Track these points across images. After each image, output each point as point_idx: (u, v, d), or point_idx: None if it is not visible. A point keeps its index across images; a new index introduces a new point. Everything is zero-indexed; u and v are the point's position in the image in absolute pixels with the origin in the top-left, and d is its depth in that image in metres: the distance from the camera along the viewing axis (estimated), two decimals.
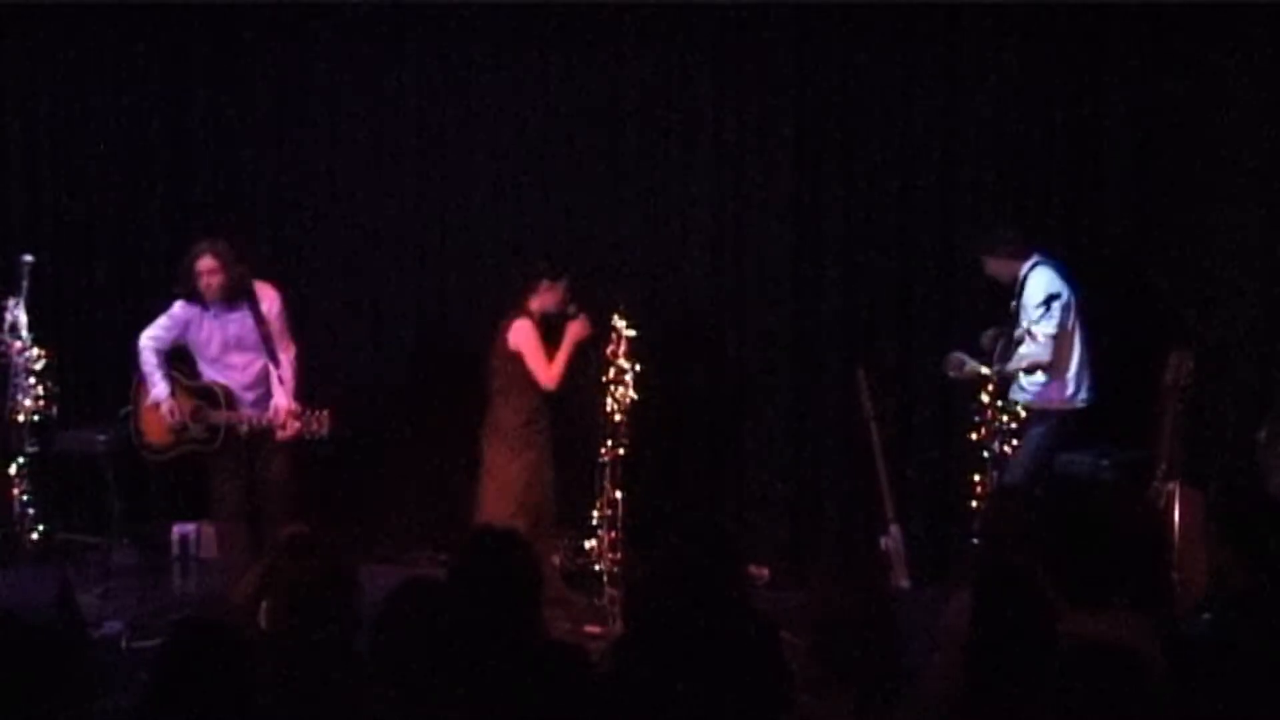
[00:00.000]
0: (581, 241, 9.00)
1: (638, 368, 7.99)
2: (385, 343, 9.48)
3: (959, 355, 7.96)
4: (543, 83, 9.17)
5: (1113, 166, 8.30)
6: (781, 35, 8.76)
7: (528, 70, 9.17)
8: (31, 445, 8.25)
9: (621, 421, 7.94)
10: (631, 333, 7.96)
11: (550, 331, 8.05)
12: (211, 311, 7.90)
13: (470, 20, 9.15)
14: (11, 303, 8.15)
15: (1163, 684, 3.97)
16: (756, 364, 8.95)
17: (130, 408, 8.18)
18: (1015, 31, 8.37)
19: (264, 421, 7.81)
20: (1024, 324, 7.77)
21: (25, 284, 8.17)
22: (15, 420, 8.18)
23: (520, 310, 8.05)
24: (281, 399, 7.81)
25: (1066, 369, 7.81)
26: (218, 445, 7.88)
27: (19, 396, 8.15)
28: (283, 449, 7.96)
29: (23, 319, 8.13)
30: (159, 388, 7.93)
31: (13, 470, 8.27)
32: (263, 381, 7.96)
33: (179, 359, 8.07)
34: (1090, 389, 7.86)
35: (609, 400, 7.93)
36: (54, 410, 8.27)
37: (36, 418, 8.22)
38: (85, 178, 9.73)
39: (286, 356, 7.95)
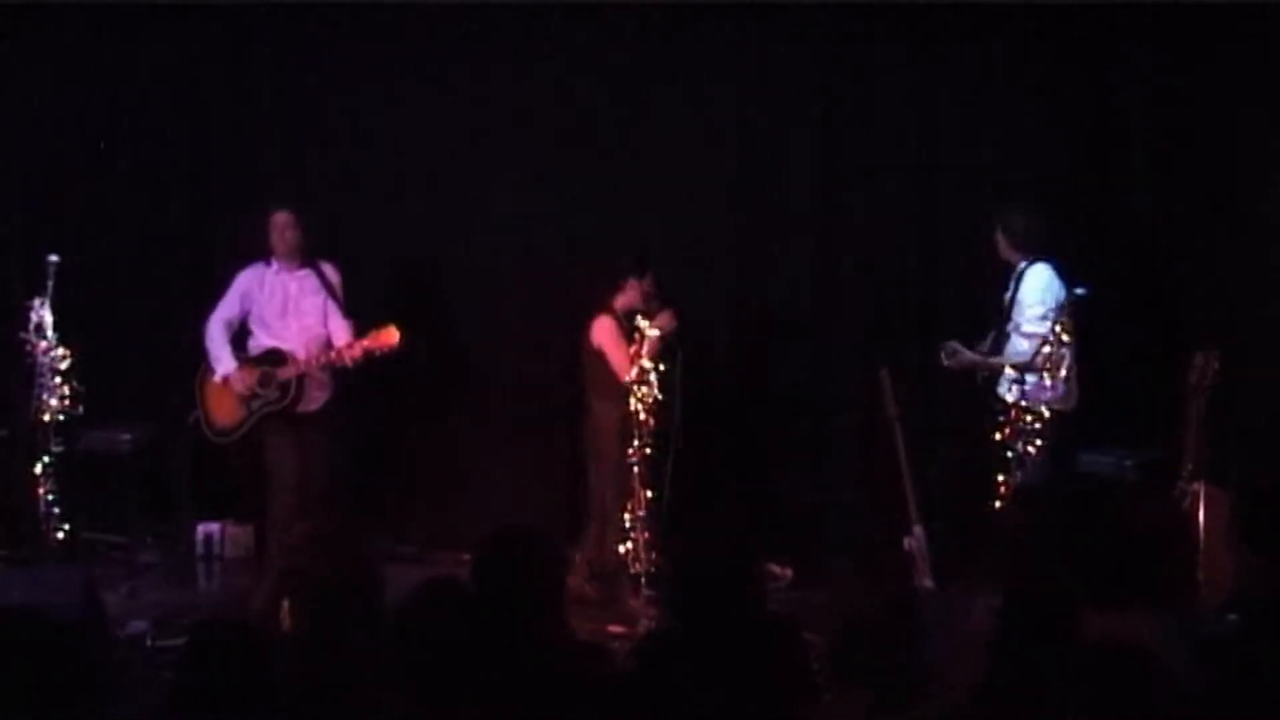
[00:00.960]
0: (602, 241, 9.00)
1: (661, 367, 8.00)
2: (409, 340, 9.47)
3: (953, 344, 7.92)
4: (565, 82, 9.18)
5: (1137, 165, 8.29)
6: (803, 35, 8.76)
7: (549, 69, 9.18)
8: (57, 444, 8.27)
9: (647, 421, 7.95)
10: (655, 333, 7.97)
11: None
12: (275, 268, 8.21)
13: (492, 18, 9.15)
14: (37, 302, 8.16)
15: (1187, 685, 3.96)
16: (779, 364, 8.94)
17: (196, 411, 8.29)
18: (1038, 31, 8.36)
19: (335, 357, 8.00)
20: (1015, 319, 7.75)
21: (51, 284, 8.18)
22: (41, 420, 8.19)
23: (604, 308, 8.23)
24: (346, 335, 8.06)
25: (1058, 371, 7.73)
26: (288, 401, 8.05)
27: (44, 396, 8.16)
28: (327, 440, 8.20)
29: (48, 319, 8.14)
30: (225, 364, 8.17)
31: (38, 469, 8.28)
32: (319, 349, 8.12)
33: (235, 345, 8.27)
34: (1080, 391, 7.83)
35: (634, 401, 7.94)
36: (79, 409, 8.29)
37: (62, 417, 8.23)
38: (110, 178, 9.75)
39: (344, 323, 8.16)
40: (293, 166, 9.61)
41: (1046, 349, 7.47)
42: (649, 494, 8.03)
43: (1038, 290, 7.70)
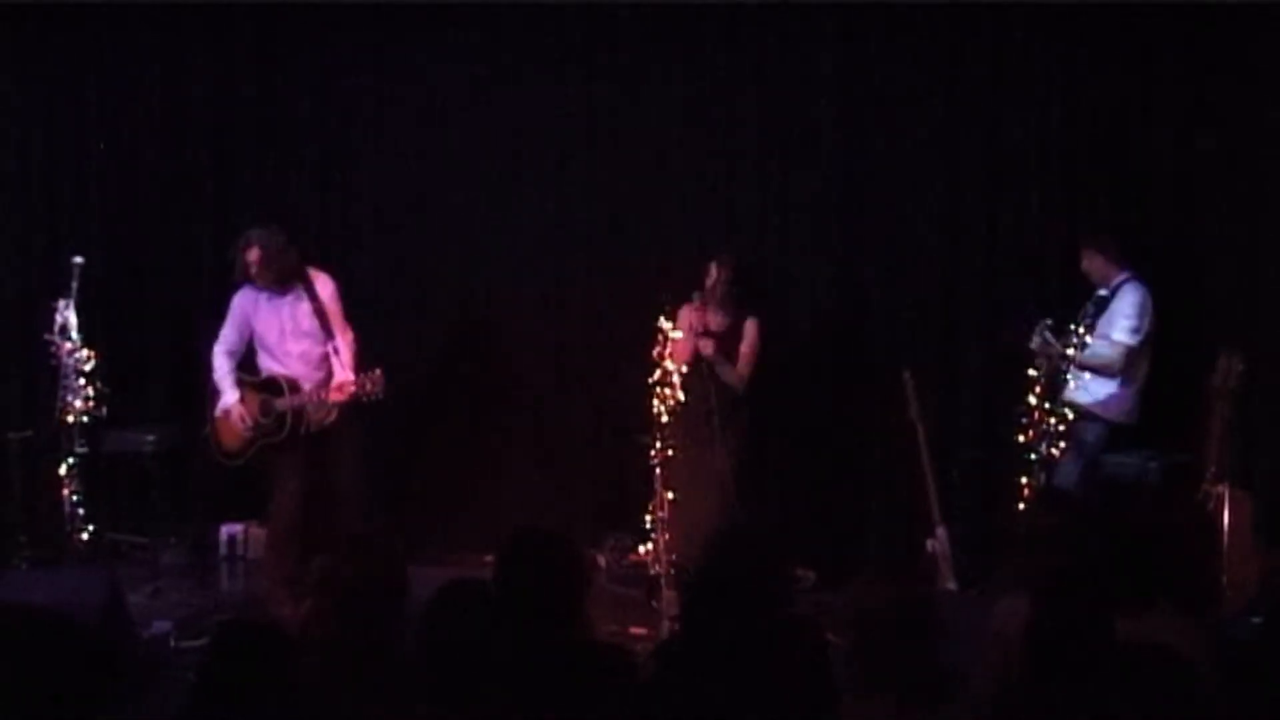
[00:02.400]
0: (624, 243, 9.00)
1: (684, 369, 8.00)
2: (431, 343, 9.50)
3: (1048, 328, 7.88)
4: (586, 81, 9.19)
5: (1161, 166, 8.27)
6: (824, 35, 8.76)
7: (571, 68, 9.20)
8: (81, 446, 8.29)
9: (669, 423, 7.93)
10: (677, 334, 7.96)
11: None
12: (266, 294, 8.08)
13: (513, 18, 9.17)
14: (61, 304, 8.19)
15: (1212, 688, 3.95)
16: (801, 367, 8.93)
17: (208, 428, 8.30)
18: (1061, 31, 8.35)
19: (325, 396, 7.93)
20: (1104, 328, 7.78)
21: (75, 285, 8.21)
22: (65, 421, 8.22)
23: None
24: (340, 373, 7.94)
25: (1133, 385, 7.84)
26: (285, 433, 7.99)
27: (69, 397, 8.19)
28: (351, 448, 8.13)
29: (73, 320, 8.17)
30: (227, 396, 8.10)
31: (62, 471, 8.31)
32: (322, 368, 8.07)
33: (242, 366, 8.22)
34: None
35: (655, 402, 7.93)
36: (103, 411, 8.32)
37: (86, 419, 8.26)
38: (134, 179, 9.78)
39: (344, 339, 8.07)
40: (317, 168, 9.63)
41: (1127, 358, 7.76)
42: (670, 495, 8.01)
43: (1136, 304, 7.85)
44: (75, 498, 8.36)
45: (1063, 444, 7.76)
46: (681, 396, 7.92)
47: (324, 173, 9.63)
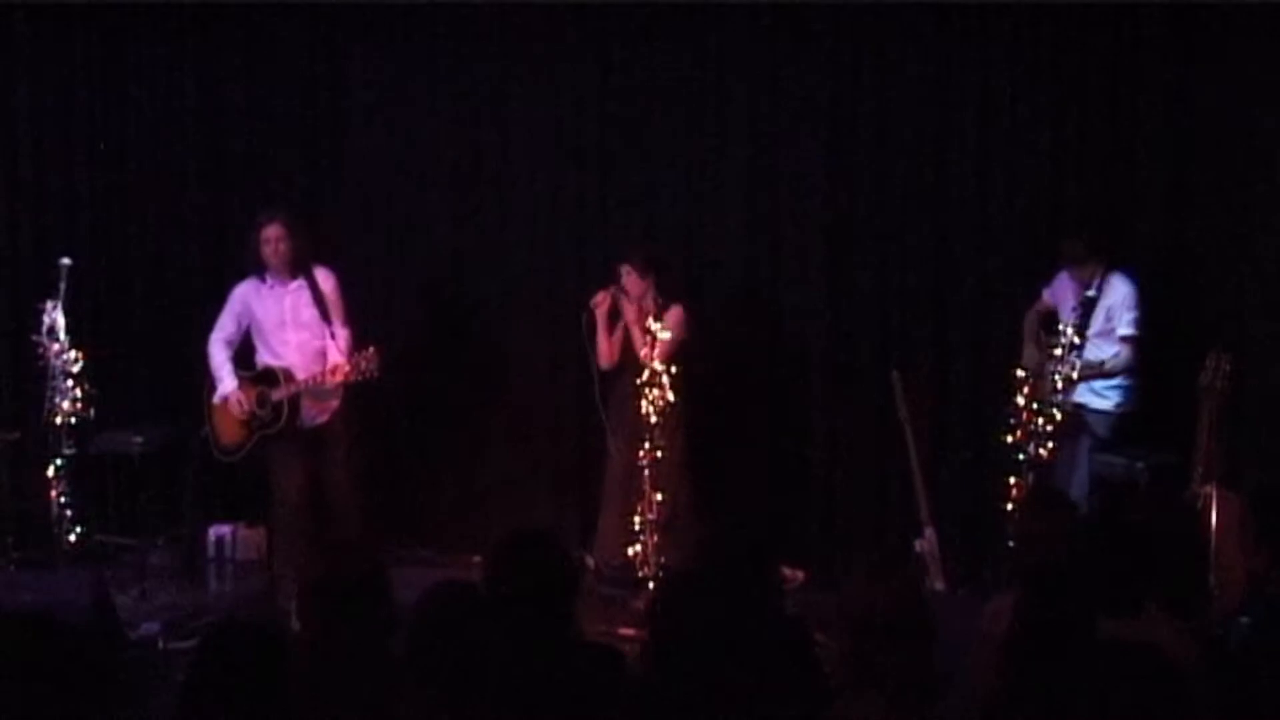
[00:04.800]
0: (614, 247, 9.00)
1: (673, 369, 7.99)
2: (419, 344, 9.49)
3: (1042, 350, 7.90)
4: (577, 80, 9.19)
5: (1149, 167, 8.27)
6: (815, 36, 8.76)
7: (563, 66, 9.19)
8: (69, 447, 8.29)
9: (658, 424, 7.94)
10: (666, 335, 7.96)
11: None
12: (269, 283, 8.13)
13: (506, 17, 9.17)
14: (49, 305, 8.18)
15: (1200, 688, 3.95)
16: (790, 367, 8.94)
17: (206, 425, 8.30)
18: (1051, 31, 8.35)
19: (320, 380, 7.96)
20: (1103, 325, 7.83)
21: (63, 286, 8.20)
22: (53, 422, 8.21)
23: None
24: (337, 356, 8.00)
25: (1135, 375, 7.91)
26: (282, 423, 8.02)
27: (56, 399, 8.18)
28: (344, 449, 8.20)
29: (60, 321, 8.16)
30: (225, 384, 8.15)
31: (50, 472, 8.30)
32: (318, 361, 8.11)
33: (237, 364, 8.25)
34: None
35: (644, 403, 7.93)
36: (91, 412, 8.31)
37: (74, 420, 8.25)
38: (122, 181, 9.77)
39: (343, 331, 8.12)
40: (308, 171, 9.62)
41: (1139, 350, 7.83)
42: (658, 497, 8.01)
43: (1132, 295, 7.87)
44: (63, 499, 8.36)
45: (1050, 444, 7.77)
46: (671, 397, 7.92)
47: (313, 174, 9.62)
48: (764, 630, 4.38)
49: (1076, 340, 7.73)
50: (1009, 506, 7.69)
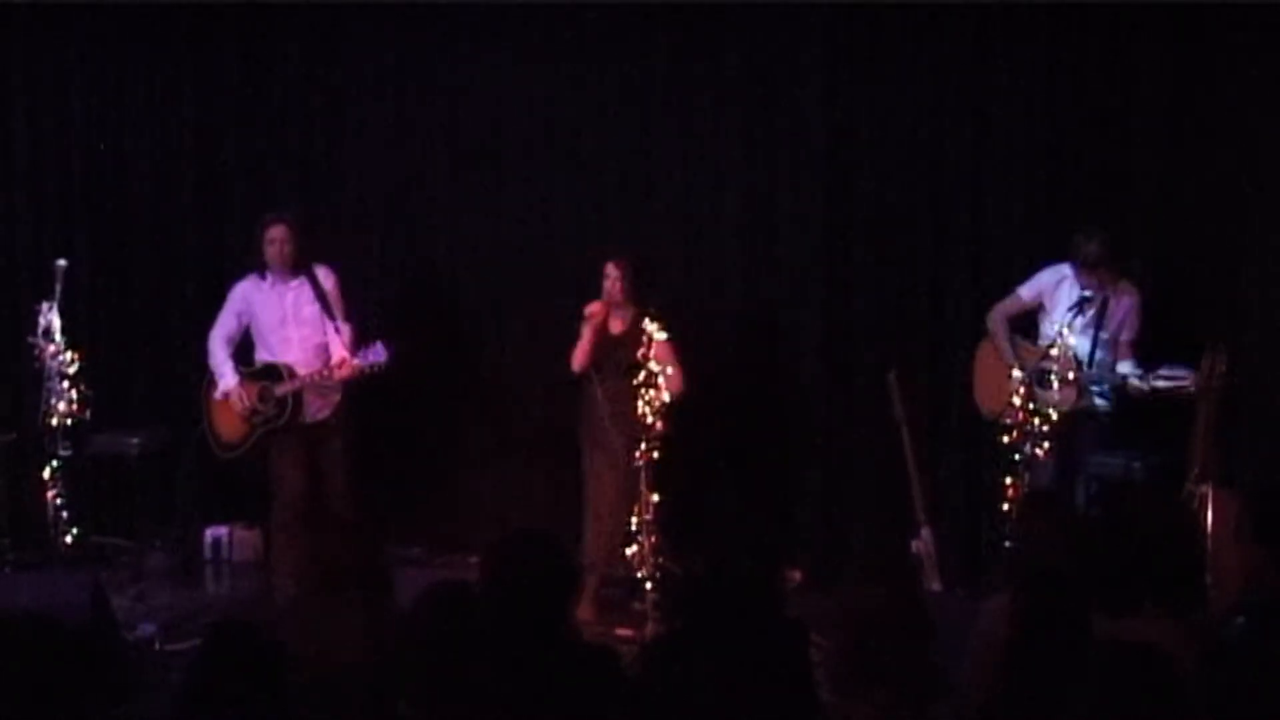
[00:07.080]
0: (610, 246, 8.99)
1: (669, 370, 7.99)
2: (416, 343, 9.46)
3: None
4: (574, 80, 9.19)
5: (1145, 166, 8.27)
6: (811, 35, 8.76)
7: (559, 67, 9.19)
8: (65, 448, 8.30)
9: (654, 425, 7.93)
10: (662, 336, 7.96)
11: None
12: (270, 281, 8.16)
13: (502, 17, 9.16)
14: (45, 306, 8.18)
15: (1196, 688, 3.95)
16: (787, 368, 8.94)
17: (204, 423, 8.30)
18: (1045, 31, 8.35)
19: (325, 374, 8.02)
20: (1120, 335, 7.86)
21: (59, 287, 8.21)
22: (49, 424, 8.22)
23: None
24: (341, 351, 8.03)
25: None
26: (286, 418, 8.04)
27: (52, 400, 8.19)
28: (342, 447, 8.22)
29: (56, 322, 8.17)
30: (226, 379, 8.17)
31: (46, 473, 8.31)
32: (320, 357, 8.15)
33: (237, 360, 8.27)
34: None
35: (640, 404, 7.92)
36: (87, 413, 8.31)
37: (70, 421, 8.26)
38: (118, 182, 9.76)
39: (346, 326, 8.17)
40: (305, 171, 9.62)
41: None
42: (655, 498, 8.01)
43: (1139, 303, 7.86)
44: (59, 500, 8.37)
45: (1046, 444, 7.77)
46: (666, 398, 7.91)
47: (309, 175, 9.62)
48: (762, 631, 4.37)
49: (1071, 341, 7.72)
50: (1006, 507, 7.70)
